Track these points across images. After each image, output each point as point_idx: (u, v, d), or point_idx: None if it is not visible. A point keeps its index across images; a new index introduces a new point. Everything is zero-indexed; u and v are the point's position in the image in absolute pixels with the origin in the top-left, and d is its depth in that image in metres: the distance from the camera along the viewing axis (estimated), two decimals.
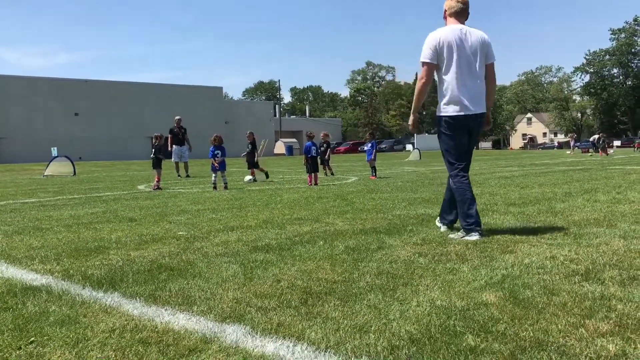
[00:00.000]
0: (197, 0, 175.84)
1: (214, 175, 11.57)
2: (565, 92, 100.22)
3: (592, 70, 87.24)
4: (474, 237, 4.66)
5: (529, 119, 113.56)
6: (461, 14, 4.97)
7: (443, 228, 5.21)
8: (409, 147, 67.72)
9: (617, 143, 62.74)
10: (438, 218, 5.42)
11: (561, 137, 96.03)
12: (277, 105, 78.12)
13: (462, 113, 4.82)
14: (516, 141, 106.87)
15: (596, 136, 41.58)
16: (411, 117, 5.31)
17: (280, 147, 65.02)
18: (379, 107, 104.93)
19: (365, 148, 14.83)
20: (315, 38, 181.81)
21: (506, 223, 5.57)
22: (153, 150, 12.52)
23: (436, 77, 4.97)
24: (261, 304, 2.93)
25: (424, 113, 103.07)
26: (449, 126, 4.89)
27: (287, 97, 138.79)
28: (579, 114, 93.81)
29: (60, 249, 4.76)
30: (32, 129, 49.15)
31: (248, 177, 13.82)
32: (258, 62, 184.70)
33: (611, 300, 2.83)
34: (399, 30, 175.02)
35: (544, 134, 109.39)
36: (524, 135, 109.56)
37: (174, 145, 17.30)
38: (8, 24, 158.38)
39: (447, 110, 4.87)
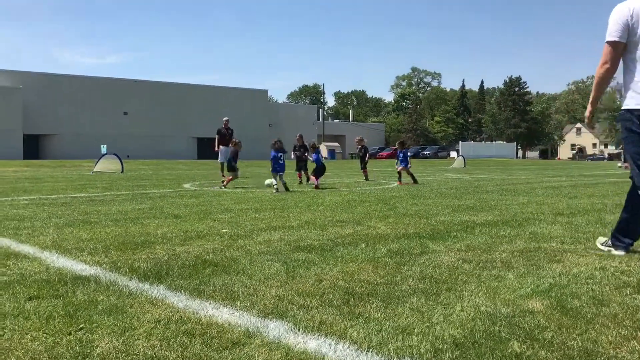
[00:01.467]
0: (242, 3, 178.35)
1: (276, 177, 11.24)
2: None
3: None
4: None
5: (579, 129, 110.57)
6: None
7: (616, 252, 4.24)
8: (453, 154, 66.88)
9: None
10: (604, 240, 4.53)
11: (611, 149, 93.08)
12: (320, 109, 78.38)
13: None
14: (564, 151, 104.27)
15: None
16: (588, 108, 4.30)
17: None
18: (424, 113, 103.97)
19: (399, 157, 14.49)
20: (360, 42, 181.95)
21: (554, 232, 5.44)
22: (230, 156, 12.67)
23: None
24: (303, 302, 2.94)
25: (470, 120, 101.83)
26: (636, 122, 3.89)
27: (330, 101, 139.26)
28: None
29: (108, 242, 4.89)
30: (82, 127, 50.65)
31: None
32: (303, 66, 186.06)
33: None
34: (446, 36, 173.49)
35: (594, 145, 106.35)
36: (572, 145, 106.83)
37: (221, 146, 17.42)
38: (62, 26, 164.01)
39: (637, 103, 3.89)
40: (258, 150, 52.04)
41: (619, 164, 37.28)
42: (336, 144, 69.94)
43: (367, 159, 15.99)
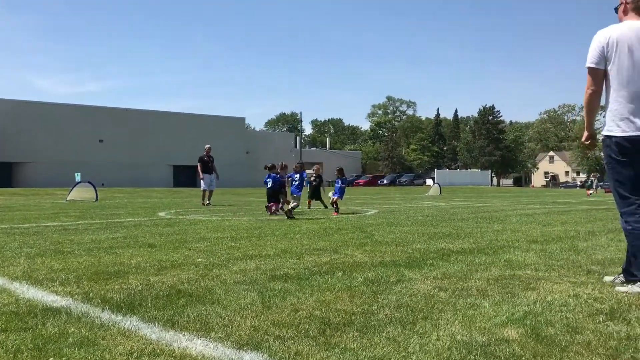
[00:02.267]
0: (222, 30, 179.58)
1: (294, 201, 11.73)
2: None
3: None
4: None
5: (551, 157, 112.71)
6: None
7: (633, 289, 3.87)
8: (429, 181, 67.45)
9: None
10: (611, 279, 4.28)
11: (583, 177, 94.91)
12: (297, 137, 78.69)
13: (638, 133, 3.84)
14: (538, 179, 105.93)
15: None
16: (585, 134, 4.26)
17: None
18: (400, 141, 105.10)
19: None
20: (336, 71, 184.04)
21: (528, 260, 5.49)
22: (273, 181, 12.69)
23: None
24: (279, 333, 2.91)
25: (445, 148, 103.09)
26: (621, 150, 3.90)
27: (308, 129, 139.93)
28: (603, 154, 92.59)
29: (80, 272, 4.80)
30: (57, 155, 50.07)
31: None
32: (280, 94, 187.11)
33: (637, 341, 2.76)
34: (420, 66, 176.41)
35: (567, 173, 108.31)
36: (546, 173, 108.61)
37: (204, 174, 17.42)
38: (40, 52, 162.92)
39: (618, 129, 3.91)
40: (235, 177, 51.94)
41: (590, 191, 38.01)
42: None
43: (323, 187, 15.62)
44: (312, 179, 15.52)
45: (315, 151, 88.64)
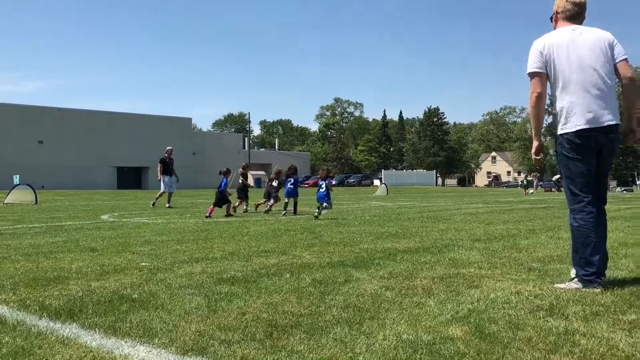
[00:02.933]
0: (168, 30, 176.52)
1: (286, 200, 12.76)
2: (529, 132, 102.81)
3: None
4: (594, 289, 3.88)
5: (494, 158, 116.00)
6: (575, 18, 4.26)
7: (571, 285, 4.05)
8: (376, 182, 68.21)
9: None
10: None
11: (523, 177, 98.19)
12: (246, 138, 78.12)
13: (585, 126, 4.01)
14: (481, 179, 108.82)
15: (558, 176, 43.21)
16: (534, 144, 4.32)
17: (249, 180, 64.75)
18: (348, 142, 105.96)
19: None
20: (285, 72, 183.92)
21: (472, 258, 5.61)
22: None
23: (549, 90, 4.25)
24: (225, 337, 2.87)
25: (392, 149, 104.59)
26: (571, 145, 4.08)
27: (256, 130, 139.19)
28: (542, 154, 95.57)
29: (17, 278, 4.60)
30: None
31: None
32: (228, 95, 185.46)
33: (575, 335, 2.86)
34: (367, 67, 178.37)
35: (508, 173, 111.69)
36: (488, 173, 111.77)
37: (165, 176, 17.16)
38: None
39: (566, 126, 4.10)
40: (181, 179, 51.07)
41: (532, 190, 39.32)
42: (262, 172, 69.76)
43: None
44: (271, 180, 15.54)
45: (264, 152, 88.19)
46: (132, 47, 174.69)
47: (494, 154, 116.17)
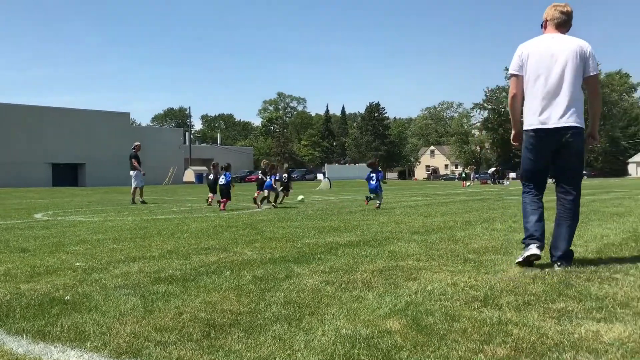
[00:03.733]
0: (105, 23, 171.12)
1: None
2: (465, 126, 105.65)
3: (490, 107, 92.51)
4: (529, 251, 4.50)
5: (432, 152, 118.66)
6: (563, 26, 4.71)
7: (524, 253, 4.61)
8: (320, 176, 68.50)
9: (512, 175, 66.51)
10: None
11: (460, 170, 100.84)
12: (187, 133, 76.77)
13: (540, 126, 4.54)
14: (420, 172, 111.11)
15: (493, 169, 44.71)
16: (513, 132, 4.94)
17: (189, 175, 63.65)
18: (291, 137, 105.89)
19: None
20: (226, 66, 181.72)
21: (410, 250, 5.71)
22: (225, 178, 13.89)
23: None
24: (160, 338, 2.80)
25: (334, 144, 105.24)
26: (527, 140, 4.67)
27: (198, 125, 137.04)
28: (478, 148, 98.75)
29: None
30: None
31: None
32: (168, 88, 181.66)
33: (508, 325, 2.94)
34: (309, 63, 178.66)
35: (446, 166, 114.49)
36: (427, 166, 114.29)
37: (137, 171, 16.95)
38: None
39: (526, 123, 4.67)
40: (120, 174, 49.70)
41: (469, 183, 40.44)
42: (204, 167, 68.69)
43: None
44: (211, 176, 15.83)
45: (206, 147, 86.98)
46: (64, 41, 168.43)
47: (432, 147, 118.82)
